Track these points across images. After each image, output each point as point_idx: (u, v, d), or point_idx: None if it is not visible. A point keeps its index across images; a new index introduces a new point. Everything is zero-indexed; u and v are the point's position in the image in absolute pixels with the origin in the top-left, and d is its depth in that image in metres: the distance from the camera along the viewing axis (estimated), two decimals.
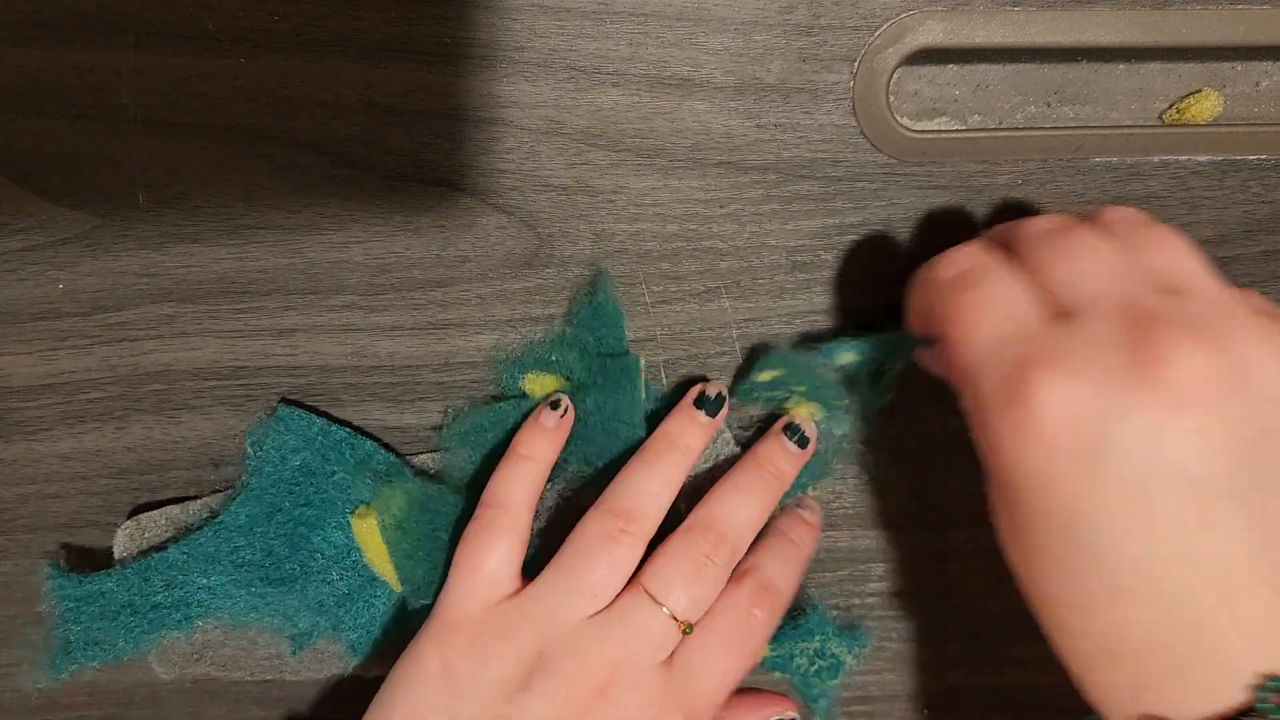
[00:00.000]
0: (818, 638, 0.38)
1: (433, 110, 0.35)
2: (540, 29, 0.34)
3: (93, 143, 0.34)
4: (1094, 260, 0.27)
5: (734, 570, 0.34)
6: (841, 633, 0.39)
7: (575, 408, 0.36)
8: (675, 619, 0.32)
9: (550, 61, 0.34)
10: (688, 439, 0.35)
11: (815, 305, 0.37)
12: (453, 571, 0.33)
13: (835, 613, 0.40)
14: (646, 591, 0.32)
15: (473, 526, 0.34)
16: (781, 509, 0.37)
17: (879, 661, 0.40)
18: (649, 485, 0.34)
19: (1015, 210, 0.36)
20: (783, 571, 0.34)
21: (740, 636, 0.33)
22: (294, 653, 0.37)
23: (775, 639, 0.38)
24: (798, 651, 0.38)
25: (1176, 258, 0.28)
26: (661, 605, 0.32)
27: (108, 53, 0.34)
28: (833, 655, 0.38)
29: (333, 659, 0.38)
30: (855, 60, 0.35)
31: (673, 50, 0.34)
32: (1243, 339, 0.25)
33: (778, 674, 0.38)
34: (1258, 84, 0.37)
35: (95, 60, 0.34)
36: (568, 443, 0.36)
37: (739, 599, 0.33)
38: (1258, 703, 0.24)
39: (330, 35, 0.34)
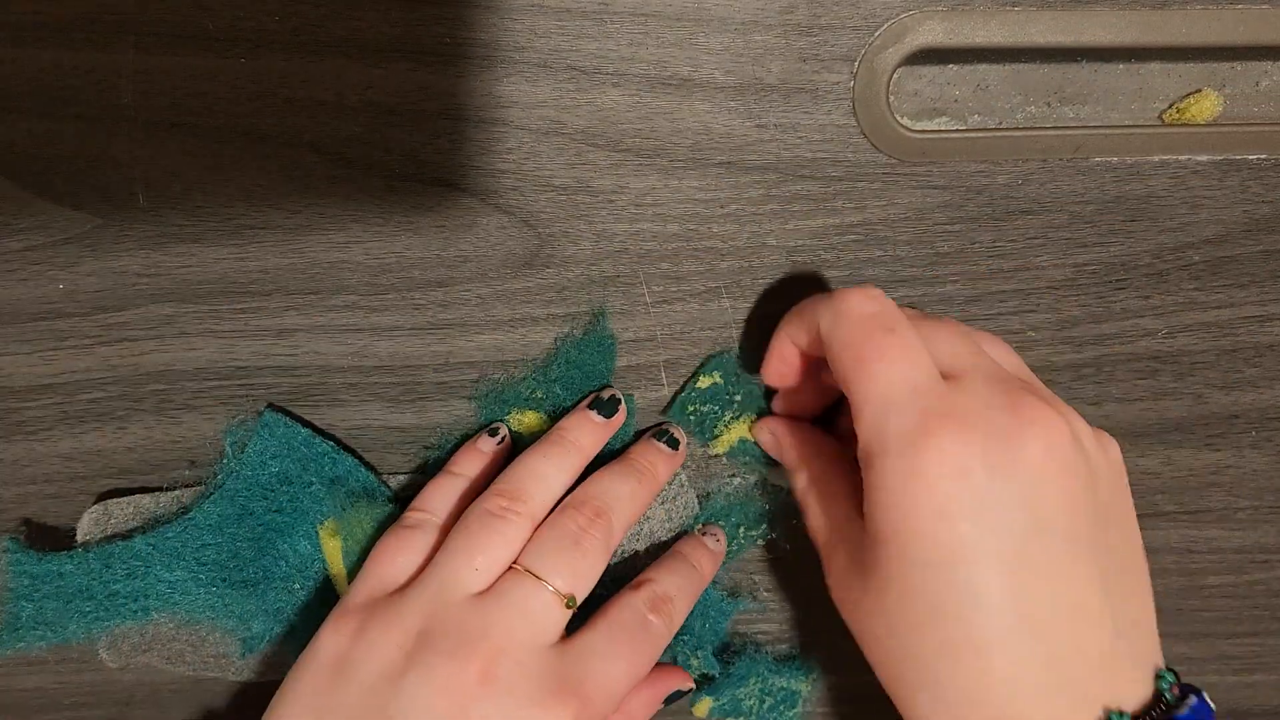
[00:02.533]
0: (754, 680, 0.38)
1: (433, 110, 0.35)
2: (540, 29, 0.34)
3: (93, 143, 0.34)
4: (967, 340, 0.31)
5: (632, 582, 0.34)
6: (780, 667, 0.39)
7: None
8: (558, 594, 0.32)
9: (550, 61, 0.34)
10: (581, 437, 0.35)
11: None
12: (365, 564, 0.34)
13: (777, 646, 0.40)
14: (524, 568, 0.32)
15: (394, 527, 0.34)
16: (688, 534, 0.38)
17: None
18: (539, 469, 0.34)
19: (1014, 211, 0.36)
20: (680, 588, 0.34)
21: (636, 635, 0.32)
22: (243, 655, 0.37)
23: (714, 691, 0.38)
24: (742, 695, 0.38)
25: (1012, 353, 0.33)
26: (541, 581, 0.32)
27: (108, 53, 0.34)
28: (782, 688, 0.38)
29: (279, 665, 0.38)
30: (855, 60, 0.35)
31: (673, 50, 0.34)
32: (1072, 414, 0.29)
33: None
34: (1258, 84, 0.37)
35: (96, 61, 0.34)
36: None
37: (635, 601, 0.33)
38: None
39: (330, 35, 0.34)
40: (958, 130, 0.36)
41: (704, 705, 0.38)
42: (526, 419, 0.37)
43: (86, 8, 0.33)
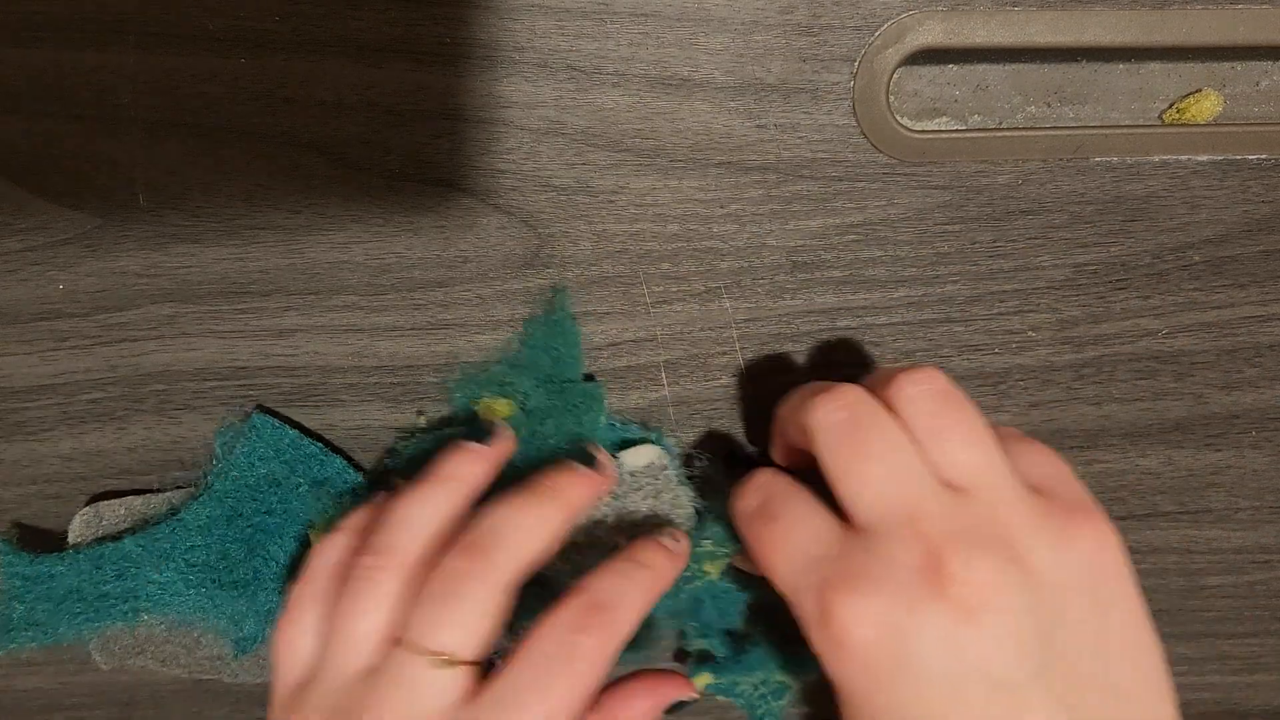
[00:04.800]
0: (760, 673, 0.37)
1: (433, 110, 0.35)
2: (540, 29, 0.34)
3: (93, 143, 0.34)
4: (883, 469, 0.28)
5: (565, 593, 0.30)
6: (788, 661, 0.37)
7: (535, 434, 0.35)
8: (438, 659, 0.28)
9: (550, 61, 0.34)
10: (459, 469, 0.32)
11: (815, 305, 0.37)
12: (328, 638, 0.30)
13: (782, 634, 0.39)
14: (406, 640, 0.28)
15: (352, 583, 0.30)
16: (642, 537, 0.34)
17: None
18: (404, 515, 0.31)
19: (1014, 211, 0.36)
20: (621, 590, 0.30)
21: (559, 665, 0.28)
22: (236, 656, 0.37)
23: (718, 670, 0.37)
24: (743, 682, 0.37)
25: (965, 446, 0.29)
26: (424, 653, 0.28)
27: (108, 53, 0.34)
28: (778, 681, 0.38)
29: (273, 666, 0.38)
30: (855, 60, 0.35)
31: (673, 50, 0.34)
32: (1019, 535, 0.27)
33: (722, 698, 0.38)
34: (1258, 84, 0.37)
35: (96, 60, 0.34)
36: (526, 472, 0.35)
37: (558, 622, 0.29)
38: None
39: (330, 36, 0.34)
40: (958, 130, 0.36)
41: (703, 679, 0.38)
42: (497, 407, 0.36)
43: (86, 8, 0.33)
